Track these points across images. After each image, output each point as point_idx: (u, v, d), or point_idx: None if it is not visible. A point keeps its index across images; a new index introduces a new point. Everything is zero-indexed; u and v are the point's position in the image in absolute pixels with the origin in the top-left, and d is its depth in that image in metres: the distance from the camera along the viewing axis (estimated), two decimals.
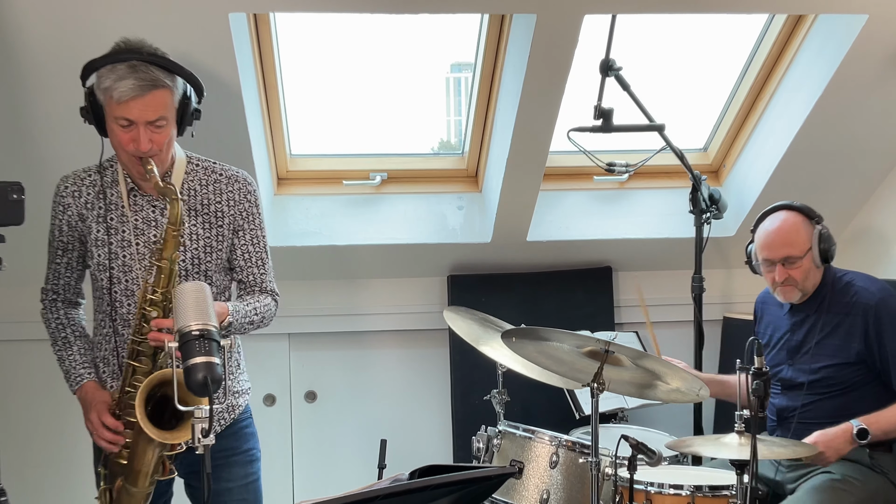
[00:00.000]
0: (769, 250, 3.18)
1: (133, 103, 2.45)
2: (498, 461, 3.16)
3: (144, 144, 2.48)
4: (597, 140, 3.55)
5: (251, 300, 2.71)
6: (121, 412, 2.57)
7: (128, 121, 2.47)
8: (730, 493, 2.83)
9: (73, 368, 2.68)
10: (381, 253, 3.97)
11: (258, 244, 2.74)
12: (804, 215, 3.19)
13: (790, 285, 3.17)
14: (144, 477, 2.54)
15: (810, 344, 3.18)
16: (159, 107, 2.48)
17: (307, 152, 3.98)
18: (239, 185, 2.71)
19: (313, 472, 4.13)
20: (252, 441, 2.81)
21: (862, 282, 3.19)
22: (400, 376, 4.18)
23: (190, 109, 2.59)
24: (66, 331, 2.72)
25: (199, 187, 2.67)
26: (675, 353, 3.65)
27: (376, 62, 3.98)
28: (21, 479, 3.26)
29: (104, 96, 2.49)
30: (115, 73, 2.46)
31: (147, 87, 2.46)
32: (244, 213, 2.71)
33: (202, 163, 2.71)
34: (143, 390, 2.39)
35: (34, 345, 2.92)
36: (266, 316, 2.74)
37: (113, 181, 2.64)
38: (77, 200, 2.64)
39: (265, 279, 2.77)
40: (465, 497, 1.95)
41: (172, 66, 2.52)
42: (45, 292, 2.75)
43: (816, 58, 3.61)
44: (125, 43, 2.50)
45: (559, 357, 2.98)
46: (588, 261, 4.16)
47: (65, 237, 2.67)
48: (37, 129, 3.27)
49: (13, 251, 2.52)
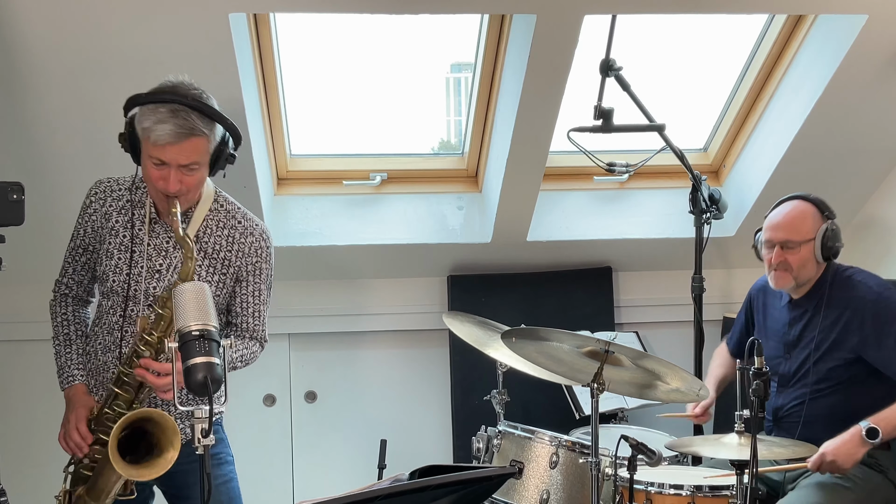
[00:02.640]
0: (772, 231, 3.17)
1: (169, 148, 2.48)
2: (498, 461, 3.16)
3: (174, 185, 2.51)
4: (597, 140, 3.55)
5: (240, 346, 2.75)
6: (96, 427, 2.61)
7: (161, 161, 2.50)
8: (730, 493, 2.83)
9: (67, 366, 2.71)
10: (381, 253, 3.97)
11: (258, 297, 2.77)
12: (817, 207, 3.17)
13: (784, 270, 3.14)
14: (105, 495, 2.58)
15: (808, 339, 3.17)
16: (193, 153, 2.51)
17: (307, 152, 3.98)
18: (253, 239, 2.72)
19: (313, 472, 4.13)
20: (220, 446, 2.82)
21: (863, 277, 3.17)
22: (400, 376, 4.18)
23: (225, 154, 2.61)
24: (70, 328, 2.75)
25: (216, 228, 2.69)
26: (675, 353, 3.66)
27: (376, 62, 3.98)
28: (21, 479, 3.26)
29: (142, 134, 2.52)
30: (157, 115, 2.48)
31: (185, 136, 2.48)
32: (250, 267, 2.73)
33: (226, 205, 2.73)
34: (119, 428, 2.38)
35: (34, 345, 2.92)
36: (249, 361, 2.80)
37: (140, 202, 2.67)
38: (101, 208, 2.68)
39: (258, 329, 2.80)
40: (465, 497, 1.95)
41: (214, 114, 2.53)
42: (59, 284, 2.78)
43: (816, 58, 3.61)
44: (172, 84, 2.52)
45: (559, 357, 2.98)
46: (588, 261, 4.16)
47: (87, 238, 2.71)
48: (37, 130, 3.27)
49: (13, 251, 2.52)
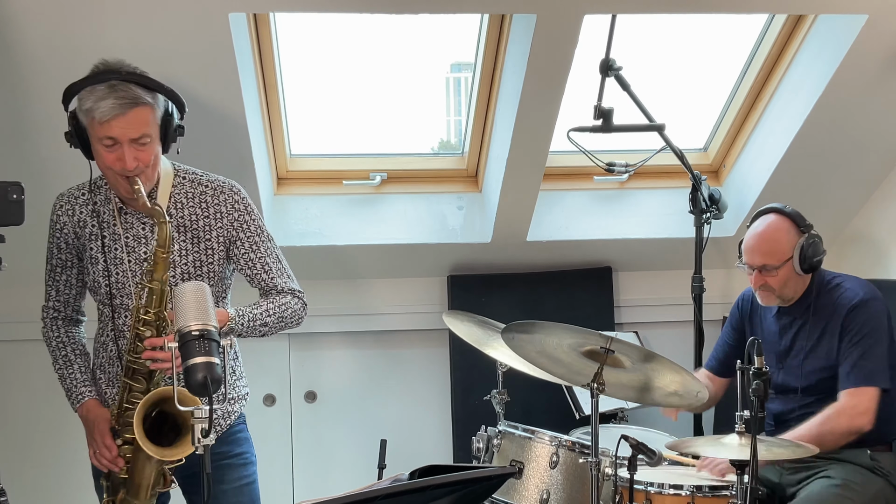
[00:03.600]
0: (748, 255, 3.17)
1: (115, 122, 2.46)
2: (498, 461, 3.16)
3: (130, 163, 2.48)
4: (597, 140, 3.55)
5: (263, 301, 2.70)
6: (120, 427, 2.59)
7: (112, 140, 2.48)
8: (730, 493, 2.83)
9: (74, 387, 2.69)
10: (380, 253, 3.97)
11: (258, 249, 2.71)
12: (792, 221, 3.14)
13: (767, 291, 3.16)
14: (146, 490, 2.58)
15: (799, 348, 3.18)
16: (141, 124, 2.49)
17: (307, 152, 3.98)
18: (224, 196, 2.69)
19: (313, 472, 4.13)
20: (245, 445, 2.81)
21: (850, 283, 3.16)
22: (400, 376, 4.18)
23: (173, 126, 2.58)
24: (67, 349, 2.73)
25: (186, 200, 2.66)
26: (675, 353, 3.64)
27: (376, 62, 3.98)
28: (21, 479, 3.26)
29: (86, 118, 2.50)
30: (95, 94, 2.46)
31: (128, 105, 2.46)
32: (234, 224, 2.69)
33: (189, 175, 2.69)
34: (141, 409, 2.41)
35: (34, 345, 2.92)
36: (286, 315, 2.71)
37: (105, 199, 2.66)
38: (71, 219, 2.66)
39: (277, 282, 2.73)
40: (465, 497, 1.95)
41: (152, 83, 2.52)
42: (46, 310, 2.75)
43: (816, 58, 3.61)
44: (104, 64, 2.51)
45: (559, 358, 2.98)
46: (588, 261, 4.16)
47: (63, 255, 2.69)
48: (37, 130, 3.27)
49: (13, 251, 2.52)
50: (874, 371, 3.03)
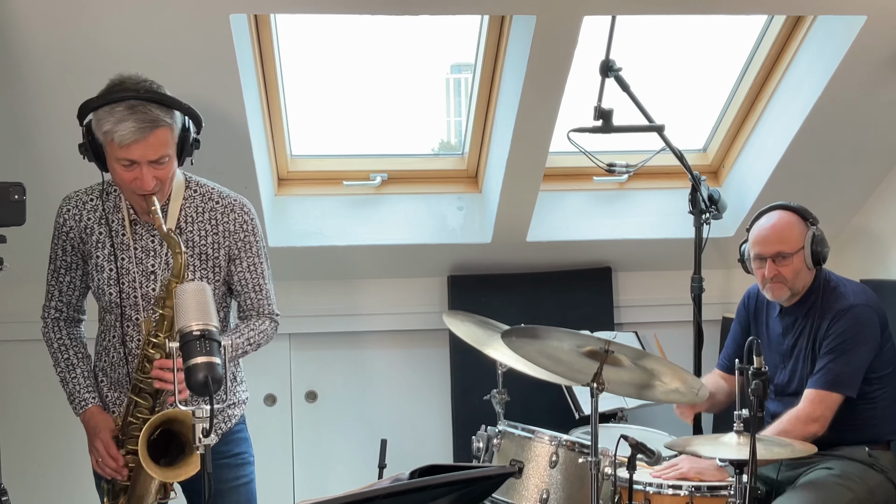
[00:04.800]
0: (761, 245, 3.17)
1: (135, 146, 2.43)
2: (498, 461, 3.17)
3: (149, 184, 2.47)
4: (597, 140, 3.55)
5: (245, 329, 2.71)
6: (124, 437, 2.60)
7: (130, 161, 2.46)
8: (728, 492, 2.83)
9: (76, 391, 2.68)
10: (381, 253, 3.98)
11: (255, 271, 2.73)
12: (799, 216, 3.18)
13: (779, 282, 3.15)
14: (146, 500, 2.59)
15: (800, 348, 3.18)
16: (161, 146, 2.47)
17: (308, 153, 3.98)
18: (235, 215, 2.68)
19: (313, 472, 4.13)
20: (244, 445, 2.82)
21: (846, 288, 3.17)
22: (400, 376, 4.18)
23: (189, 141, 2.57)
24: (69, 352, 2.71)
25: (196, 215, 2.65)
26: (675, 353, 3.65)
27: (377, 63, 3.98)
28: (21, 479, 3.26)
29: (104, 139, 2.47)
30: (114, 115, 2.43)
31: (148, 129, 2.43)
32: (240, 244, 2.69)
33: (200, 188, 2.68)
34: (146, 432, 2.42)
35: (34, 345, 2.92)
36: (261, 342, 2.75)
37: (115, 207, 2.64)
38: (78, 224, 2.64)
39: (262, 303, 2.75)
40: (465, 497, 1.95)
41: (170, 101, 2.49)
42: (47, 310, 2.73)
43: (815, 58, 3.61)
44: (121, 80, 2.47)
45: (559, 357, 2.98)
46: (588, 261, 4.17)
47: (68, 257, 2.67)
48: (37, 130, 3.27)
49: (14, 251, 2.53)
50: (841, 378, 3.05)
